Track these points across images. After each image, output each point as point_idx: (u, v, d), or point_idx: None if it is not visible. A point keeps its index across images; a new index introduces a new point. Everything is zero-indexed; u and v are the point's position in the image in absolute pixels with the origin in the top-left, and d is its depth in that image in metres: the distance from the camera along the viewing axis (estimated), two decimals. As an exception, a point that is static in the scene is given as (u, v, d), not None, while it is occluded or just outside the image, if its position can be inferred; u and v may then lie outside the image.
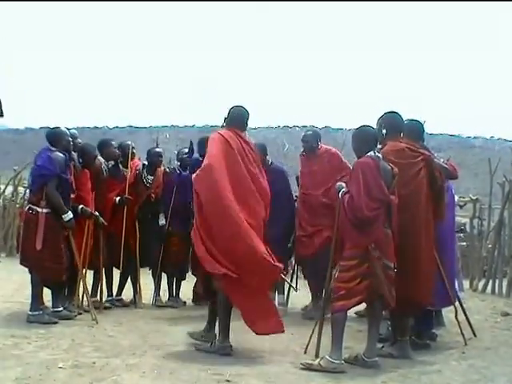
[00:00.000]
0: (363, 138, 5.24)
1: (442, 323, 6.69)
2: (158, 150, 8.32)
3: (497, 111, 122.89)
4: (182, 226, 7.91)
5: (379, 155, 5.17)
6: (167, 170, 8.32)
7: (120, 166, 7.67)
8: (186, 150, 8.34)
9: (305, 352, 5.35)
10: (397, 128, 5.61)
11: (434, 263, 5.57)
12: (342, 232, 5.18)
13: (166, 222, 7.91)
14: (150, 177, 7.89)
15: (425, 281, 5.39)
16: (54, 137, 6.60)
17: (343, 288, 4.91)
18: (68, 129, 6.88)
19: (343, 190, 5.16)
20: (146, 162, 8.03)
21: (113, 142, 7.59)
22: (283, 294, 7.79)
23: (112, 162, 7.53)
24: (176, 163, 8.58)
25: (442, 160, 5.91)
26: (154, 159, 8.01)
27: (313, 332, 5.32)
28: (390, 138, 5.54)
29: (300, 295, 7.77)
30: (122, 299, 7.83)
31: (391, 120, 5.62)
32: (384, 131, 5.55)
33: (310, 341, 5.33)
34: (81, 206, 6.66)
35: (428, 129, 6.20)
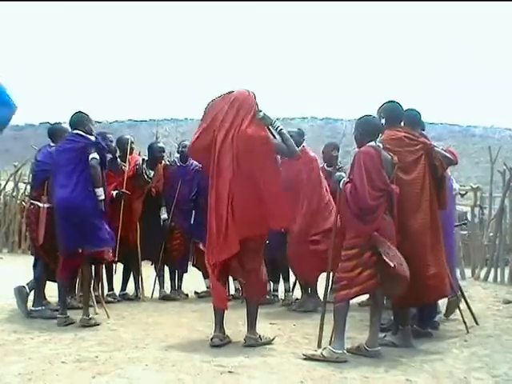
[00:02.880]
0: (366, 128, 5.23)
1: (438, 310, 6.67)
2: (160, 145, 8.31)
3: (496, 99, 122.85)
4: (184, 220, 7.94)
5: (380, 145, 5.17)
6: (167, 163, 8.32)
7: (118, 160, 7.65)
8: (186, 143, 8.35)
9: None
10: (396, 117, 5.61)
11: (442, 252, 5.53)
12: (344, 222, 5.18)
13: (168, 215, 7.91)
14: (150, 171, 7.87)
15: (438, 270, 5.37)
16: (55, 132, 6.61)
17: (345, 278, 4.91)
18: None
19: (344, 179, 5.15)
20: (147, 157, 8.02)
21: (109, 135, 7.53)
22: (288, 281, 7.80)
23: (110, 156, 7.49)
24: (176, 156, 8.59)
25: (441, 147, 5.87)
26: (156, 154, 7.99)
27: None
28: (388, 127, 5.54)
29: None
30: (126, 293, 7.86)
31: (390, 109, 5.61)
32: (383, 120, 5.56)
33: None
34: None
35: (428, 118, 6.18)
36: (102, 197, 6.11)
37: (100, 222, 6.09)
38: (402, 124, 5.67)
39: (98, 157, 6.06)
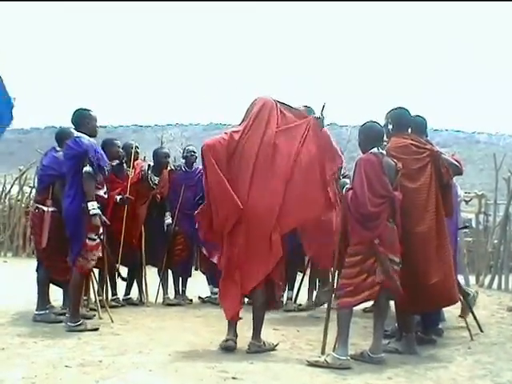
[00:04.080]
0: (368, 134, 5.24)
1: (443, 318, 6.66)
2: (164, 150, 8.31)
3: (501, 107, 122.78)
4: (188, 225, 7.93)
5: (383, 151, 5.17)
6: (172, 167, 8.32)
7: (124, 165, 7.66)
8: (191, 148, 8.36)
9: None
10: (404, 124, 5.60)
11: (450, 258, 5.49)
12: (349, 228, 5.18)
13: (172, 220, 7.92)
14: (156, 177, 7.87)
15: (441, 279, 5.35)
16: (62, 137, 6.60)
17: (349, 284, 4.91)
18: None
19: (347, 186, 5.16)
20: (152, 163, 8.02)
21: (117, 142, 7.51)
22: (292, 290, 7.81)
23: (116, 161, 7.49)
24: (181, 161, 8.59)
25: (447, 154, 5.84)
26: (161, 160, 7.99)
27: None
28: (396, 133, 5.54)
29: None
30: (130, 298, 7.85)
31: (398, 116, 5.60)
32: (390, 127, 5.56)
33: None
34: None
35: (433, 125, 6.19)
36: (95, 211, 5.96)
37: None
38: (410, 130, 5.67)
39: (90, 169, 5.92)
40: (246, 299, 5.92)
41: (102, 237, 6.18)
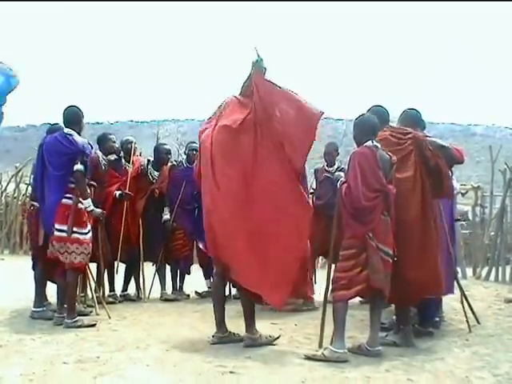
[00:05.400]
0: (363, 127, 5.24)
1: (440, 310, 6.66)
2: (166, 146, 8.27)
3: (498, 98, 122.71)
4: (188, 221, 7.93)
5: (377, 144, 5.15)
6: (174, 163, 8.29)
7: (122, 160, 7.65)
8: (195, 146, 8.34)
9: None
10: (382, 120, 5.57)
11: (437, 249, 5.47)
12: (343, 222, 5.17)
13: (170, 216, 7.91)
14: (155, 172, 7.87)
15: (430, 267, 5.34)
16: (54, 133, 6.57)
17: (344, 277, 4.91)
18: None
19: (341, 179, 5.15)
20: (152, 158, 8.01)
21: (111, 137, 7.48)
22: None
23: (114, 156, 7.48)
24: (183, 156, 8.56)
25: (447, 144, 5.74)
26: (162, 156, 7.99)
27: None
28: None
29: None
30: (127, 294, 7.85)
31: (375, 113, 5.60)
32: None
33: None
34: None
35: (429, 117, 6.17)
36: (91, 207, 6.09)
37: None
38: (405, 125, 5.67)
39: (82, 167, 5.94)
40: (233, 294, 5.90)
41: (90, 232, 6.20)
